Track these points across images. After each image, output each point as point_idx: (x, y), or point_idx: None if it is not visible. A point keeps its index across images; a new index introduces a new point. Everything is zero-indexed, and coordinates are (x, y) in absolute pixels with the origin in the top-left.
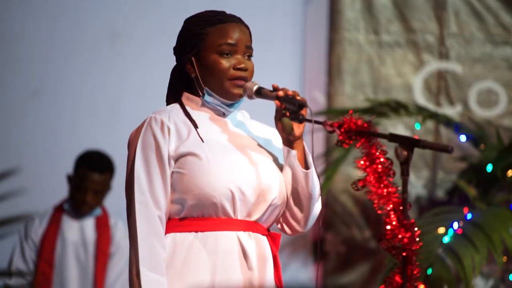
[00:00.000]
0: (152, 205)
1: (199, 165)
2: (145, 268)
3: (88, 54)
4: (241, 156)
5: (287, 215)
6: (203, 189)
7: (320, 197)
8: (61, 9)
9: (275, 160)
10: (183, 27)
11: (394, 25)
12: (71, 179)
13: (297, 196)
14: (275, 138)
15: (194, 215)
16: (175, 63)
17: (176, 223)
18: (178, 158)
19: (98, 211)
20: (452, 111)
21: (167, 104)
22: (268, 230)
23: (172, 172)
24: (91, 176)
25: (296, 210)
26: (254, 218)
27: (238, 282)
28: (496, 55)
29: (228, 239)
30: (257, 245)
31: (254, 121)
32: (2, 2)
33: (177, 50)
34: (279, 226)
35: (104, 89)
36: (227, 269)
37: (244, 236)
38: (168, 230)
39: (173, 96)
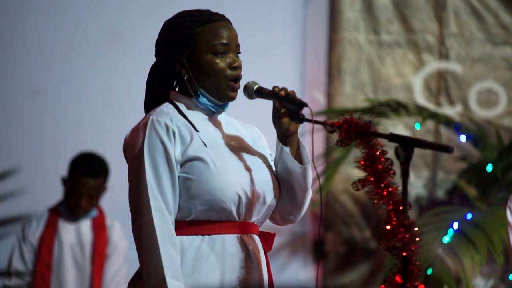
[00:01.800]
0: (166, 211)
1: (207, 170)
2: (169, 275)
3: (88, 54)
4: (240, 159)
5: (280, 208)
6: (213, 195)
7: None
8: (61, 9)
9: (265, 159)
10: (166, 28)
11: (394, 25)
12: (65, 182)
13: (292, 190)
14: (258, 135)
15: (201, 218)
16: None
17: (182, 226)
18: (184, 162)
19: (94, 213)
20: (452, 111)
21: (148, 105)
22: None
23: (178, 177)
24: (85, 182)
25: (290, 203)
26: (253, 219)
27: (247, 284)
28: (496, 55)
29: (233, 242)
30: (256, 246)
31: (233, 118)
32: (3, 2)
33: (161, 52)
34: (271, 219)
35: (105, 89)
36: (236, 271)
37: (247, 238)
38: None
39: (157, 97)
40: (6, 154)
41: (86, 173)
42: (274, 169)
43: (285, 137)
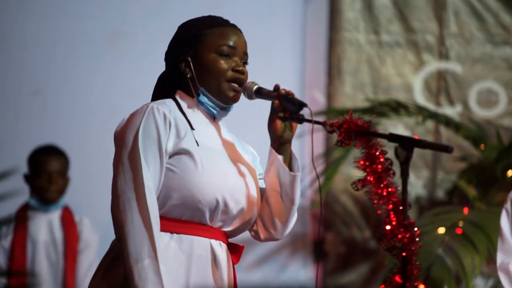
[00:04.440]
0: (154, 193)
1: (193, 167)
2: (157, 257)
3: (88, 54)
4: (231, 167)
5: (265, 222)
6: (191, 192)
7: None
8: (61, 9)
9: (255, 175)
10: (177, 31)
11: (394, 25)
12: (28, 177)
13: (278, 202)
14: (253, 155)
15: (173, 215)
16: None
17: None
18: (173, 154)
19: (63, 202)
20: (452, 111)
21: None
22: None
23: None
24: (49, 159)
25: (275, 217)
26: (226, 229)
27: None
28: (496, 55)
29: (202, 245)
30: (225, 254)
31: (233, 134)
32: (3, 2)
33: (170, 53)
34: (252, 233)
35: (105, 89)
36: (201, 274)
37: (216, 244)
38: None
39: (163, 97)
40: (6, 154)
41: (49, 152)
42: (259, 187)
43: (279, 144)
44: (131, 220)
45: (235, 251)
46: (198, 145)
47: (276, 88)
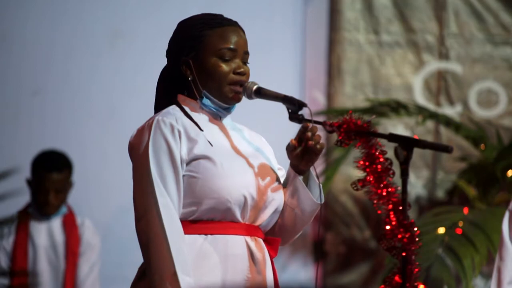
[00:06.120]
0: (173, 208)
1: (214, 169)
2: (180, 271)
3: (88, 54)
4: (246, 162)
5: (275, 231)
6: (219, 194)
7: None
8: (61, 8)
9: (271, 166)
10: (178, 29)
11: (394, 25)
12: (30, 183)
13: (292, 219)
14: (265, 146)
15: (205, 218)
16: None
17: (185, 225)
18: (190, 161)
19: (64, 210)
20: (452, 111)
21: (157, 107)
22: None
23: (183, 176)
24: (50, 177)
25: (287, 229)
26: (258, 223)
27: (250, 286)
28: (496, 55)
29: (237, 243)
30: (261, 249)
31: (242, 126)
32: (3, 2)
33: (171, 53)
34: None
35: (105, 89)
36: (238, 273)
37: (251, 240)
38: None
39: (166, 99)
40: (6, 154)
41: (49, 168)
42: (281, 180)
43: (297, 170)
44: (152, 240)
45: (272, 244)
46: (212, 146)
47: (307, 120)
